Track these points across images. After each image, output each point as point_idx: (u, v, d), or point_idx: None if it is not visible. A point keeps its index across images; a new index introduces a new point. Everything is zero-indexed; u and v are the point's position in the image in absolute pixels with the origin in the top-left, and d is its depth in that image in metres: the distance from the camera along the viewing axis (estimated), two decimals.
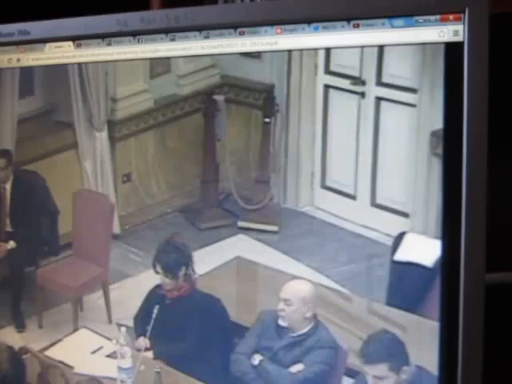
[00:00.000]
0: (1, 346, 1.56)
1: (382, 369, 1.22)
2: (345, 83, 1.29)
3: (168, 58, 1.39)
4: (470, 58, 1.09)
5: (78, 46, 1.42)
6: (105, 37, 1.39)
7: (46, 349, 1.54)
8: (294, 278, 1.32)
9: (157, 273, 1.44)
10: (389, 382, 1.22)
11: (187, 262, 1.41)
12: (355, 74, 1.27)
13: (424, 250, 1.19)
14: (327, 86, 1.31)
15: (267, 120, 1.37)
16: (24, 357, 1.55)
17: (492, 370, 1.14)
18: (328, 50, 1.25)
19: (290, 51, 1.28)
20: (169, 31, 1.32)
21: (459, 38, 1.11)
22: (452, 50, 1.12)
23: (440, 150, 1.15)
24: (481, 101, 1.09)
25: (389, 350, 1.22)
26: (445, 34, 1.12)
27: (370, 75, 1.26)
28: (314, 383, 1.31)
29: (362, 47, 1.21)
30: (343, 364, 1.30)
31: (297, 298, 1.32)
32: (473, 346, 1.10)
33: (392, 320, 1.23)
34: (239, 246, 1.37)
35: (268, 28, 1.24)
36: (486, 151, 1.09)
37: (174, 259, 1.42)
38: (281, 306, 1.33)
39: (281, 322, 1.34)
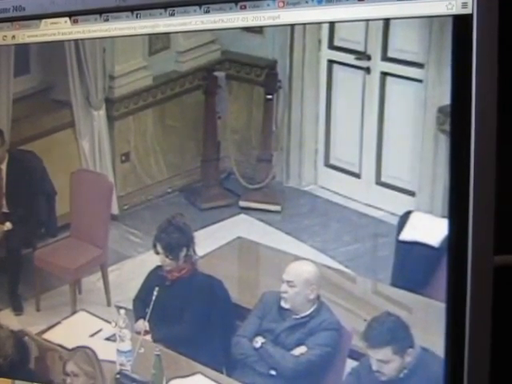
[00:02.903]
0: (4, 331, 1.55)
1: (385, 353, 1.20)
2: (349, 58, 1.26)
3: (167, 34, 1.36)
4: (479, 32, 1.06)
5: (75, 22, 1.40)
6: (102, 12, 1.37)
7: (43, 332, 1.53)
8: (297, 258, 1.30)
9: (157, 253, 1.42)
10: (394, 365, 1.20)
11: (188, 243, 1.39)
12: (360, 48, 1.24)
13: (430, 229, 1.17)
14: (331, 62, 1.28)
15: (269, 97, 1.34)
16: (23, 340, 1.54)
17: (500, 353, 1.12)
18: (332, 24, 1.22)
19: (292, 26, 1.25)
20: (168, 6, 1.30)
21: (468, 11, 1.07)
22: (460, 23, 1.08)
23: (447, 127, 1.12)
24: (490, 76, 1.06)
25: (392, 334, 1.20)
26: (453, 7, 1.09)
27: (375, 50, 1.23)
28: (318, 366, 1.29)
29: (368, 21, 1.18)
30: (347, 346, 1.28)
31: (300, 279, 1.30)
32: (480, 327, 1.08)
33: (397, 301, 1.21)
34: (241, 227, 1.35)
35: (270, 1, 1.22)
36: (495, 128, 1.07)
37: (176, 239, 1.39)
38: (283, 287, 1.31)
39: (283, 304, 1.32)
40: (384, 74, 1.25)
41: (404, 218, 1.20)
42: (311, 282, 1.30)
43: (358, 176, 1.29)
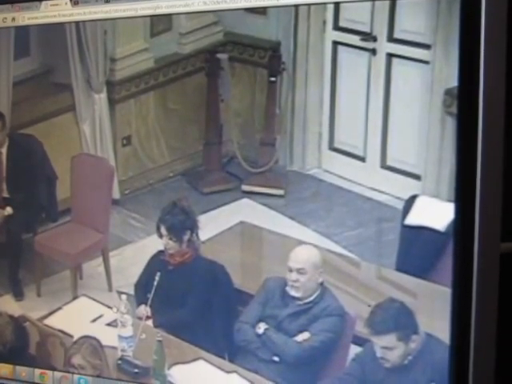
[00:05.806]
0: (5, 317, 1.54)
1: (390, 339, 1.19)
2: (354, 39, 1.24)
3: (169, 15, 1.34)
4: (487, 12, 1.04)
5: (75, 3, 1.39)
6: None
7: (44, 317, 1.52)
8: (301, 243, 1.28)
9: (160, 236, 1.40)
10: (398, 351, 1.19)
11: (192, 226, 1.38)
12: (365, 29, 1.23)
13: (436, 213, 1.16)
14: (336, 43, 1.27)
15: (273, 79, 1.33)
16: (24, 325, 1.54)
17: (505, 338, 1.11)
18: (337, 5, 1.21)
19: (296, 6, 1.23)
20: None
21: None
22: (469, 3, 1.06)
23: (454, 109, 1.11)
24: (499, 57, 1.04)
25: (397, 320, 1.19)
26: None
27: (381, 31, 1.22)
28: (321, 352, 1.28)
29: (374, 1, 1.16)
30: (351, 332, 1.27)
31: (309, 264, 1.29)
32: (486, 313, 1.07)
33: (402, 286, 1.20)
34: (243, 211, 1.33)
35: None
36: (503, 110, 1.05)
37: (180, 222, 1.38)
38: (294, 276, 1.29)
39: (294, 293, 1.30)
40: (390, 56, 1.23)
41: (409, 202, 1.19)
42: (319, 266, 1.29)
43: (362, 159, 1.28)
